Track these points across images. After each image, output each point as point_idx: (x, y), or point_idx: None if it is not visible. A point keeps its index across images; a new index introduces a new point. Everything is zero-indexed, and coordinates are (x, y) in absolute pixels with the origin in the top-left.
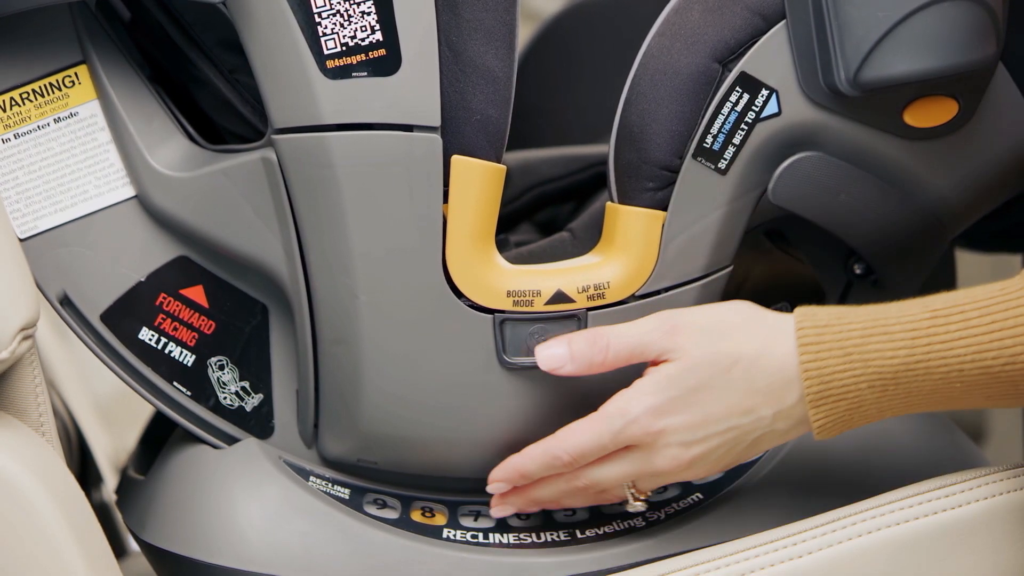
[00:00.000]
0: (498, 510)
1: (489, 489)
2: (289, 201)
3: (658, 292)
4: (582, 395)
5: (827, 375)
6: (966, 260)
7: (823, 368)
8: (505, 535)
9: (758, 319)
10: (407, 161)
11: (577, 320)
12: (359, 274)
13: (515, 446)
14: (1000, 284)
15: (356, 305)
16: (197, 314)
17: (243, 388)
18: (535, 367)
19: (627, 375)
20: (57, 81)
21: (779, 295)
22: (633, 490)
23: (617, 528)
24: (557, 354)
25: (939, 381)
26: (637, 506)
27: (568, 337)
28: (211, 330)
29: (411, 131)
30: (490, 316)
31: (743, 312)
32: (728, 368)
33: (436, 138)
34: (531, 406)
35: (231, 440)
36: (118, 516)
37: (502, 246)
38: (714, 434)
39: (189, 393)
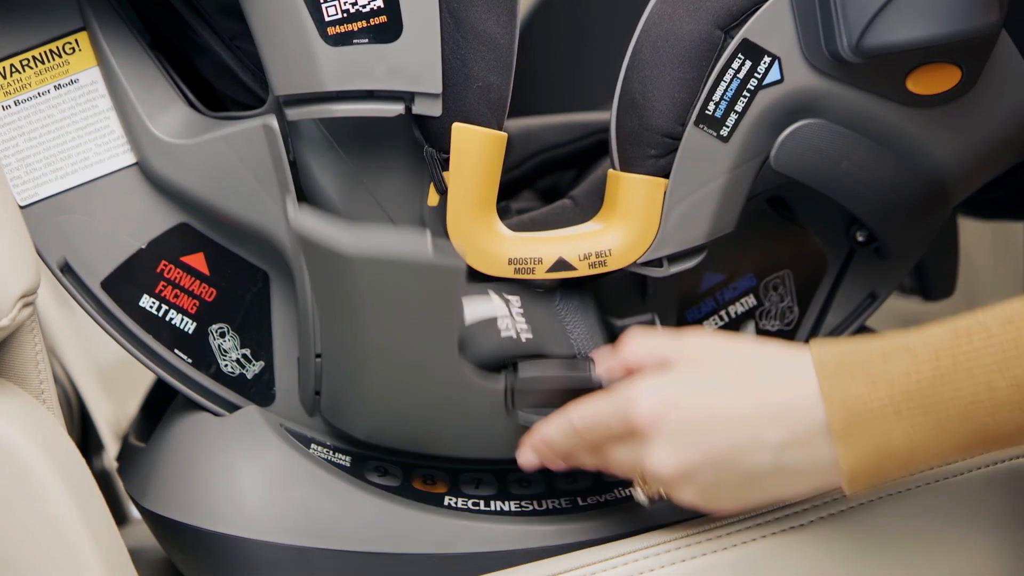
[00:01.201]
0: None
1: (519, 460)
2: (295, 180)
3: (659, 260)
4: None
5: (851, 401)
6: (968, 228)
7: (847, 394)
8: (507, 503)
9: (772, 347)
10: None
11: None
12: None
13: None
14: (1022, 297)
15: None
16: (198, 281)
17: (244, 355)
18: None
19: None
20: (57, 48)
21: (781, 263)
22: (642, 481)
23: (619, 496)
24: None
25: (969, 402)
26: (639, 496)
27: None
28: (212, 297)
29: (412, 99)
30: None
31: (758, 341)
32: (738, 373)
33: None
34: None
35: (232, 407)
36: (119, 483)
37: (503, 213)
38: (708, 445)
39: (190, 360)
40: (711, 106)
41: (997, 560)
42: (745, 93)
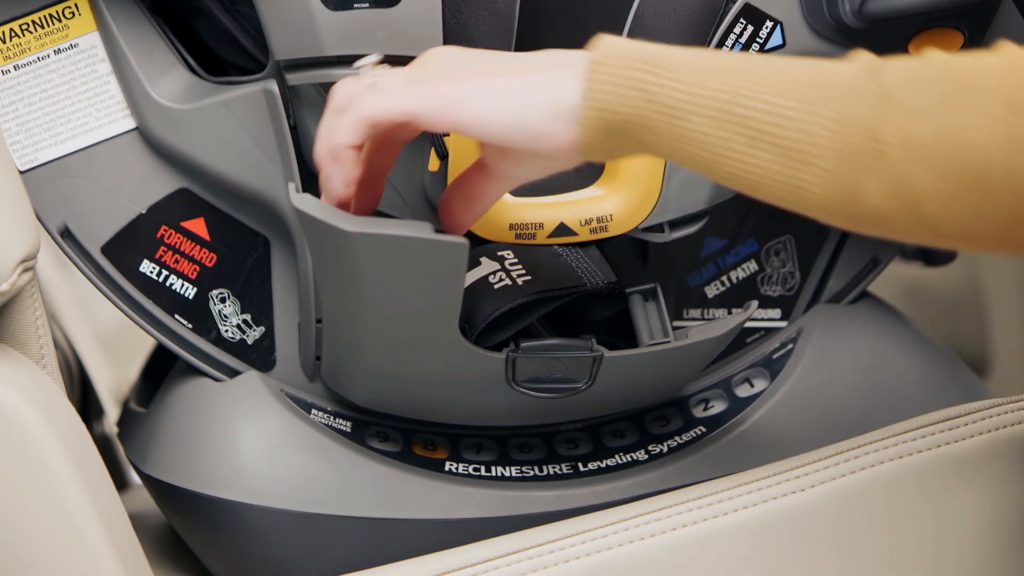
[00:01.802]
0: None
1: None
2: (295, 145)
3: (661, 225)
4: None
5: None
6: None
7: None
8: (507, 468)
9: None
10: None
11: (592, 360)
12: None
13: (521, 406)
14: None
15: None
16: (198, 246)
17: (244, 321)
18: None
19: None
20: (57, 12)
21: (783, 228)
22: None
23: (619, 461)
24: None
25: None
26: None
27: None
28: (212, 263)
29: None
30: (502, 356)
31: None
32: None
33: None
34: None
35: (233, 373)
36: (119, 448)
37: None
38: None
39: (190, 326)
40: None
41: (997, 526)
42: None
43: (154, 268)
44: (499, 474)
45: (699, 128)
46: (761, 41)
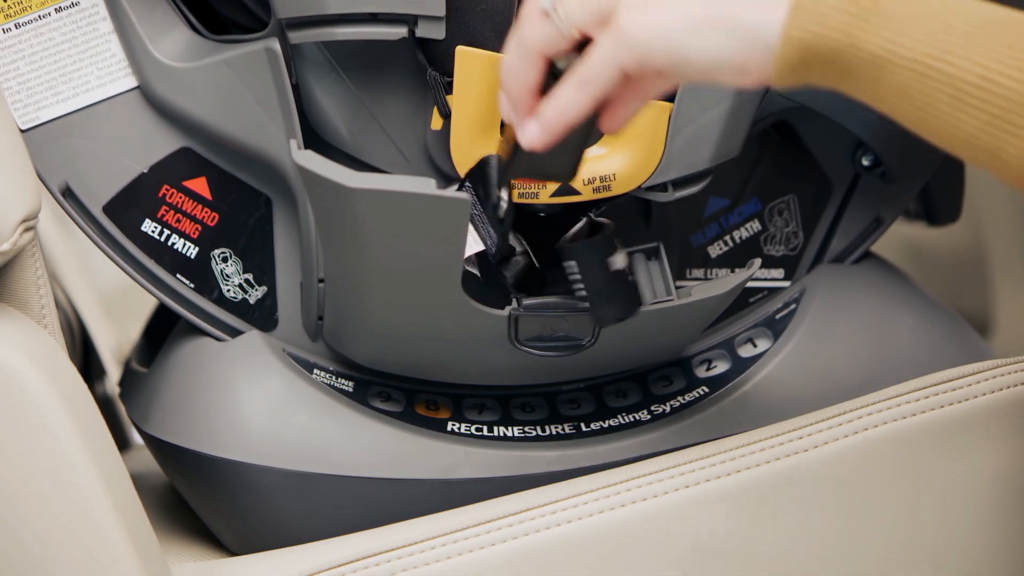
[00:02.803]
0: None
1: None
2: (297, 104)
3: (664, 184)
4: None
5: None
6: None
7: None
8: (510, 428)
9: None
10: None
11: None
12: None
13: (524, 365)
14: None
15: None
16: (200, 206)
17: (247, 280)
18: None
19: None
20: None
21: (786, 188)
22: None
23: (622, 421)
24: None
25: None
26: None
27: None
28: (214, 222)
29: (415, 22)
30: (505, 313)
31: None
32: None
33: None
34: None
35: (235, 333)
36: (121, 409)
37: None
38: None
39: (192, 285)
40: None
41: (1000, 487)
42: None
43: (156, 227)
44: (501, 434)
45: (903, 81)
46: None
